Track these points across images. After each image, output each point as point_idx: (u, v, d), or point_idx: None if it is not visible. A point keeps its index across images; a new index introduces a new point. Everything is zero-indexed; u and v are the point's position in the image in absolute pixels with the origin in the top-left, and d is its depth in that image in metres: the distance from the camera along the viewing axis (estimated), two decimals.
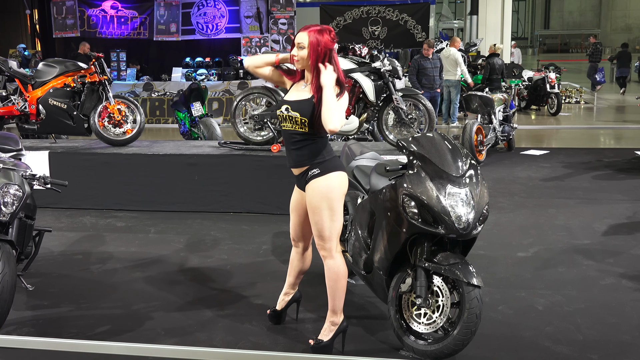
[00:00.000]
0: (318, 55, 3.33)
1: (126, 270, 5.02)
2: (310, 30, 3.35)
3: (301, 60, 3.39)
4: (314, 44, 3.32)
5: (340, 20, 17.53)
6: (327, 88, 3.30)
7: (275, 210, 6.41)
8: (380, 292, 3.77)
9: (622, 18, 43.38)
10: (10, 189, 4.00)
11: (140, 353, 3.60)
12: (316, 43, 3.32)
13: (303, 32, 3.37)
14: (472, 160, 3.52)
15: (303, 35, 3.36)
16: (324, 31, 3.35)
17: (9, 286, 3.71)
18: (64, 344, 3.68)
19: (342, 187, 3.46)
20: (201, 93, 9.19)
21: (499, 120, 9.62)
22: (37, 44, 19.10)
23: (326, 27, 3.39)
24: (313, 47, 3.33)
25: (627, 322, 3.95)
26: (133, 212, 6.69)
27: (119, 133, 6.99)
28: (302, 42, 3.35)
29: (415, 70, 11.94)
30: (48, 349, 3.66)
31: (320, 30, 3.35)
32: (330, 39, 3.36)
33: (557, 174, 8.25)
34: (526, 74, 15.61)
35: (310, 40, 3.33)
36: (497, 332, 3.84)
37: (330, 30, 3.39)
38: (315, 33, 3.33)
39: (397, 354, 3.58)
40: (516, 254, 5.22)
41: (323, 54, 3.34)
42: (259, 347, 3.69)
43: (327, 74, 3.33)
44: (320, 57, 3.34)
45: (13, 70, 7.19)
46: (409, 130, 6.66)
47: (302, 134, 3.42)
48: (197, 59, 16.57)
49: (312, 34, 3.33)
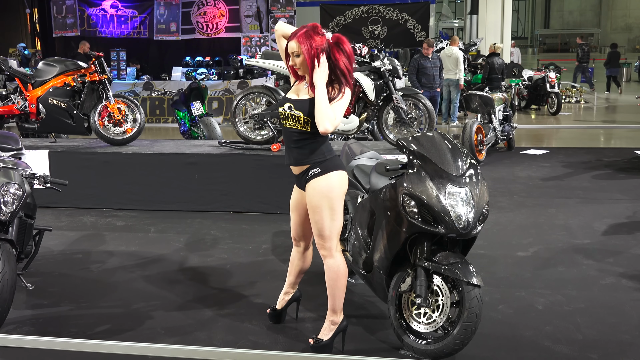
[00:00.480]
0: (313, 57, 3.32)
1: (126, 270, 5.02)
2: (298, 36, 3.33)
3: (301, 67, 3.39)
4: (308, 49, 3.31)
5: (340, 19, 17.52)
6: (317, 88, 3.31)
7: (275, 210, 6.41)
8: (380, 292, 3.77)
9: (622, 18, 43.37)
10: (10, 188, 4.00)
11: (140, 352, 3.60)
12: (309, 46, 3.31)
13: (292, 40, 3.35)
14: (472, 160, 3.52)
15: (293, 44, 3.35)
16: (310, 31, 3.33)
17: (9, 285, 3.71)
18: (64, 343, 3.68)
19: (343, 187, 3.46)
20: (201, 92, 9.19)
21: (499, 119, 9.62)
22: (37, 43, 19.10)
23: (311, 27, 3.36)
24: (307, 51, 3.32)
25: (627, 322, 3.95)
26: (133, 212, 6.69)
27: (119, 132, 6.99)
28: (295, 50, 3.35)
29: (415, 69, 11.94)
30: (48, 348, 3.66)
31: (306, 32, 3.33)
32: (320, 36, 3.33)
33: (557, 173, 8.25)
34: (526, 73, 15.61)
35: (302, 47, 3.32)
36: (497, 331, 3.84)
37: (316, 27, 3.36)
38: (303, 37, 3.32)
39: (397, 353, 3.58)
40: (516, 254, 5.22)
41: (317, 53, 3.32)
42: (258, 346, 3.69)
43: (318, 73, 3.32)
44: (318, 57, 3.33)
45: (13, 69, 7.19)
46: (409, 130, 6.66)
47: (303, 133, 3.42)
48: (197, 58, 16.58)
49: (301, 39, 3.32)
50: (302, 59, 3.35)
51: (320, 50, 3.32)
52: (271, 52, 7.00)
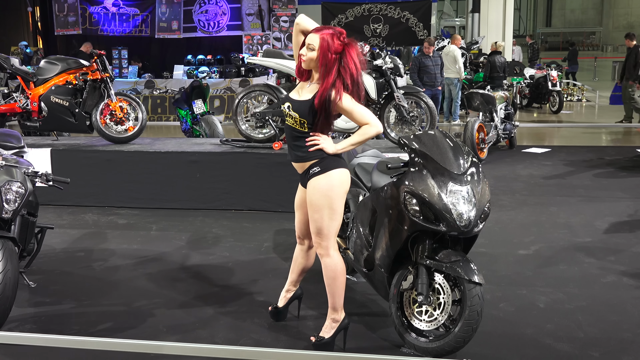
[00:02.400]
0: (327, 60, 3.31)
1: (128, 268, 5.03)
2: (323, 33, 3.32)
3: (309, 61, 3.37)
4: (325, 48, 3.30)
5: (341, 17, 17.50)
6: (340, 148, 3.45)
7: (277, 208, 6.41)
8: (382, 290, 3.78)
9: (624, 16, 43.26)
10: (12, 186, 4.01)
11: (142, 350, 3.61)
12: (327, 47, 3.29)
13: (315, 34, 3.34)
14: (474, 158, 3.53)
15: (315, 37, 3.33)
16: (335, 35, 3.32)
17: (11, 283, 3.72)
18: (66, 341, 3.69)
19: (343, 185, 3.46)
20: (203, 90, 9.18)
21: (501, 118, 9.62)
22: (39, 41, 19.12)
23: (338, 31, 3.35)
24: (323, 51, 3.31)
25: (628, 320, 3.95)
26: (135, 210, 6.70)
27: (121, 130, 7.00)
28: (313, 43, 3.33)
29: (417, 68, 11.94)
30: (50, 345, 3.67)
31: (332, 34, 3.31)
32: (340, 42, 3.32)
33: (558, 171, 8.25)
34: (528, 71, 15.59)
35: (321, 44, 3.31)
36: (499, 329, 3.84)
37: (341, 33, 3.35)
38: (328, 37, 3.30)
39: (398, 351, 3.59)
40: (517, 252, 5.22)
41: (332, 60, 3.31)
42: (260, 344, 3.70)
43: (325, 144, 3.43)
44: (330, 63, 3.32)
45: (15, 67, 7.20)
46: (411, 128, 6.66)
47: (303, 132, 3.44)
48: (198, 57, 16.58)
49: (324, 37, 3.30)
50: (314, 55, 3.34)
51: (335, 56, 3.30)
52: (273, 50, 7.01)
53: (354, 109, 3.38)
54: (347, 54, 3.32)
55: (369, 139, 3.47)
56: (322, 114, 3.36)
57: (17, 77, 7.25)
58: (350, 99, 3.37)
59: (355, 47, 3.36)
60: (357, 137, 3.43)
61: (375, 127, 3.40)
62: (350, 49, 3.33)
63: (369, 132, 3.41)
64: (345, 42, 3.33)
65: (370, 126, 3.39)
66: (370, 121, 3.39)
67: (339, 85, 3.33)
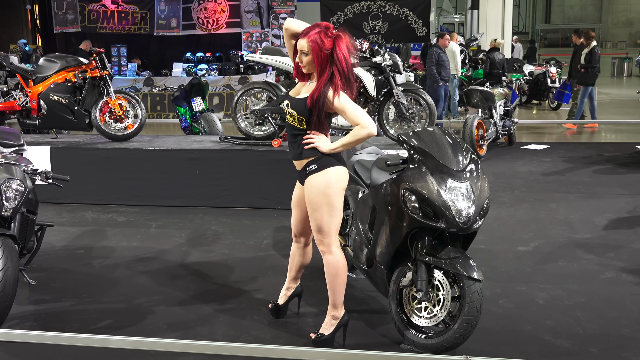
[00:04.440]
0: (321, 59, 3.33)
1: (128, 265, 5.03)
2: (310, 35, 3.33)
3: (307, 65, 3.40)
4: (316, 50, 3.32)
5: (340, 15, 17.49)
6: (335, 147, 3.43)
7: (276, 205, 6.42)
8: (381, 286, 3.79)
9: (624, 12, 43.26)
10: (12, 183, 4.01)
11: (142, 347, 3.61)
12: (318, 48, 3.31)
13: (303, 38, 3.35)
14: (473, 155, 3.53)
15: (304, 42, 3.35)
16: (323, 32, 3.33)
17: (11, 281, 3.73)
18: (66, 338, 3.69)
19: (341, 182, 3.47)
20: (202, 88, 9.18)
21: (500, 114, 9.62)
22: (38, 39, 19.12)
23: (323, 27, 3.35)
24: (316, 53, 3.32)
25: (627, 316, 3.96)
26: (134, 207, 6.70)
27: (120, 128, 7.00)
28: (303, 48, 3.36)
29: (435, 61, 11.67)
30: (50, 343, 3.68)
31: (319, 32, 3.32)
32: (330, 38, 3.32)
33: (557, 168, 8.26)
34: (527, 68, 15.58)
35: (312, 47, 3.32)
36: (498, 325, 3.85)
37: (328, 27, 3.36)
38: (316, 37, 3.31)
39: (398, 347, 3.59)
40: (517, 248, 5.23)
41: (326, 56, 3.33)
42: (260, 341, 3.71)
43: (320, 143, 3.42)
44: (324, 62, 3.33)
45: (14, 65, 7.19)
46: (410, 125, 6.66)
47: (301, 129, 3.46)
48: (197, 54, 16.57)
49: (313, 39, 3.32)
50: (309, 59, 3.36)
51: (327, 52, 3.32)
52: (272, 47, 7.01)
53: (346, 109, 3.36)
54: (337, 47, 3.33)
55: (362, 141, 3.44)
56: (316, 112, 3.37)
57: (16, 75, 7.24)
58: (346, 98, 3.37)
59: (345, 38, 3.36)
60: (349, 138, 3.42)
61: (367, 129, 3.35)
62: (340, 41, 3.33)
63: (360, 134, 3.37)
64: (335, 36, 3.34)
65: (362, 127, 3.35)
66: (361, 122, 3.35)
67: (336, 82, 3.33)
